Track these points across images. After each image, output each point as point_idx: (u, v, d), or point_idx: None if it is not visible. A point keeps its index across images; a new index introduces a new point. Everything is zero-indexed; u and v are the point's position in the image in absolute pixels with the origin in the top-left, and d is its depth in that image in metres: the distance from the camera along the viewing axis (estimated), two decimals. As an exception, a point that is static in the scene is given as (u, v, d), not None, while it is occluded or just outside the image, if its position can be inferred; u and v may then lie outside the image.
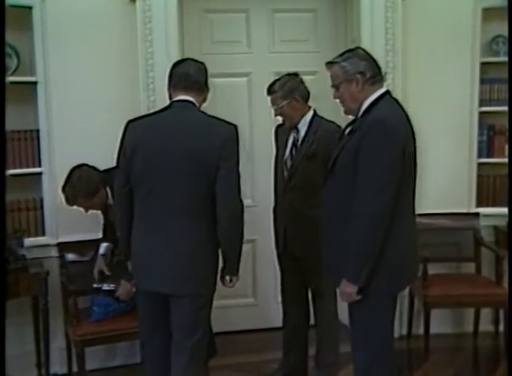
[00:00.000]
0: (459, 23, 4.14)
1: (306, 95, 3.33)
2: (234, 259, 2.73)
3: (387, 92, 2.64)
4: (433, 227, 4.21)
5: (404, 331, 4.32)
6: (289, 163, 3.35)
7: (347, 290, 2.57)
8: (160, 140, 2.63)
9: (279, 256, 3.54)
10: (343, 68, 2.60)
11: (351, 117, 2.74)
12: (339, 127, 3.19)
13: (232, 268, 2.76)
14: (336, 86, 2.65)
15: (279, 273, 3.63)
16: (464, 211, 4.27)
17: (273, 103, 3.31)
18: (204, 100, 2.80)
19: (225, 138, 2.61)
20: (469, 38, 4.14)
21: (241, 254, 2.75)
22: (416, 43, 4.10)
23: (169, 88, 2.77)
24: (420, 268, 3.87)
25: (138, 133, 2.69)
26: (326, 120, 3.35)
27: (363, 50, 2.69)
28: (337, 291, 2.69)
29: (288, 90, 3.26)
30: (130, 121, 2.75)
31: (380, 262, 2.51)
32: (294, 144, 3.35)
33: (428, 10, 4.11)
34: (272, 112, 3.43)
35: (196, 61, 2.83)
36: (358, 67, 2.58)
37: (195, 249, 2.65)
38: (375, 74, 2.60)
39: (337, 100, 2.71)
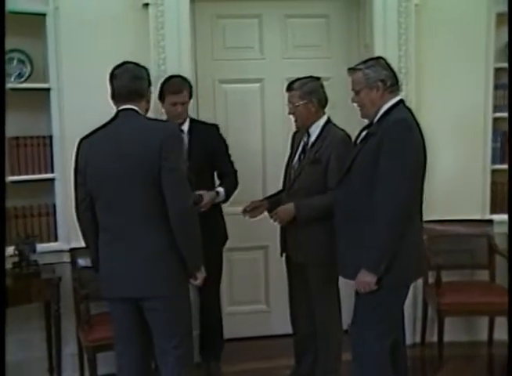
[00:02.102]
0: (473, 28, 4.11)
1: (323, 101, 3.33)
2: (190, 256, 2.70)
3: (402, 101, 2.83)
4: (447, 234, 4.18)
5: (418, 339, 4.28)
6: (296, 167, 3.37)
7: (366, 279, 2.73)
8: (107, 152, 2.67)
9: (286, 262, 3.55)
10: (366, 75, 2.78)
11: (362, 124, 2.87)
12: (348, 136, 3.25)
13: (191, 265, 2.74)
14: (357, 91, 2.83)
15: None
16: (478, 217, 4.23)
17: (290, 100, 3.31)
18: (148, 102, 2.80)
19: (163, 137, 2.60)
20: (483, 44, 4.11)
21: (198, 251, 2.73)
22: (430, 48, 4.07)
23: (112, 99, 2.79)
24: (433, 275, 3.93)
25: (88, 149, 2.75)
26: (338, 128, 3.34)
27: (384, 60, 2.87)
28: (353, 283, 2.83)
29: (307, 91, 3.26)
30: (82, 139, 2.81)
31: (395, 255, 2.69)
32: (304, 149, 3.35)
33: (441, 15, 4.07)
34: (285, 118, 3.45)
35: (133, 64, 2.81)
36: (380, 75, 2.78)
37: (156, 252, 2.66)
38: (394, 83, 2.81)
39: (355, 104, 2.89)
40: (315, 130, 3.31)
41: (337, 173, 3.05)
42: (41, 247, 3.73)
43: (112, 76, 2.76)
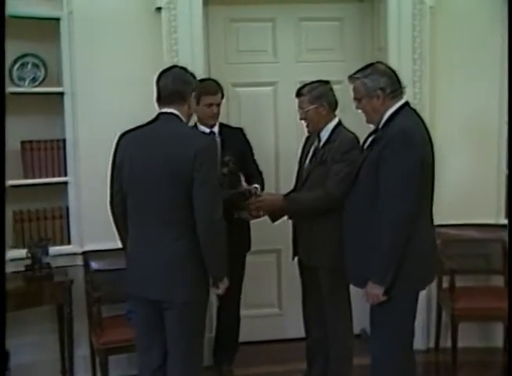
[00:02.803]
0: (489, 30, 4.06)
1: (333, 104, 3.34)
2: (214, 267, 2.72)
3: (407, 104, 2.80)
4: (461, 238, 4.15)
5: (431, 344, 4.26)
6: (306, 169, 3.39)
7: (373, 291, 2.72)
8: (142, 153, 2.70)
9: (299, 265, 3.56)
10: (364, 84, 2.77)
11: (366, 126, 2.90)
12: (357, 139, 3.23)
13: (215, 275, 2.76)
14: (358, 99, 2.83)
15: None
16: (493, 222, 4.18)
17: (300, 106, 3.33)
18: (189, 107, 2.79)
19: (198, 149, 2.60)
20: (499, 46, 4.06)
21: (222, 263, 2.74)
22: (444, 51, 4.04)
23: (156, 101, 2.81)
24: (447, 280, 3.90)
25: (126, 145, 2.77)
26: (349, 131, 3.33)
27: (384, 64, 2.86)
28: (363, 292, 2.82)
29: (316, 95, 3.27)
30: (122, 134, 2.82)
31: (402, 264, 2.67)
32: (314, 152, 3.37)
33: (456, 18, 4.04)
34: (298, 122, 3.44)
35: (181, 68, 2.83)
36: (378, 83, 2.75)
37: (177, 258, 2.67)
38: (395, 88, 2.77)
39: (359, 110, 2.90)
40: (325, 133, 3.32)
41: (334, 173, 3.12)
42: (54, 250, 3.76)
43: (158, 78, 2.78)
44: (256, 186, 3.52)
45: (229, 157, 3.43)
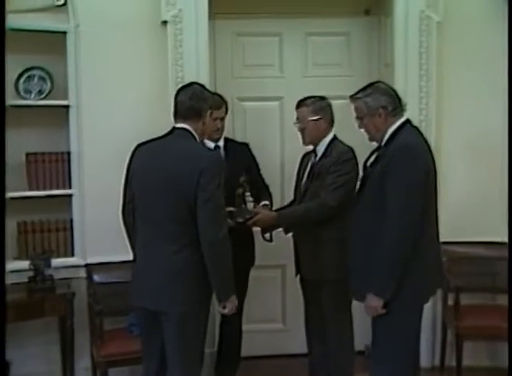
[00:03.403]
0: (497, 45, 4.01)
1: (332, 120, 3.39)
2: (217, 285, 2.73)
3: (408, 121, 2.86)
4: (467, 256, 4.10)
5: (436, 362, 4.19)
6: (304, 185, 3.42)
7: (372, 303, 2.74)
8: (151, 166, 2.75)
9: (301, 281, 3.57)
10: (366, 103, 2.83)
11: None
12: (352, 150, 3.29)
13: (218, 293, 2.77)
14: (360, 118, 2.88)
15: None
16: (499, 240, 4.10)
17: (301, 116, 3.36)
18: (204, 124, 2.83)
19: (204, 167, 2.63)
20: (506, 63, 3.99)
21: (228, 281, 2.75)
22: (451, 67, 4.01)
23: (173, 116, 2.86)
24: (452, 297, 3.87)
25: (138, 157, 2.84)
26: (344, 144, 3.35)
27: (384, 84, 2.94)
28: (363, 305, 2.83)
29: (319, 107, 3.34)
30: (138, 145, 2.88)
31: (406, 276, 2.68)
32: (311, 167, 3.40)
33: (464, 33, 4.01)
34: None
35: (199, 85, 2.88)
36: (379, 102, 2.81)
37: (178, 270, 2.70)
38: (396, 106, 2.83)
39: (361, 129, 2.95)
40: (320, 148, 3.36)
41: (330, 184, 3.18)
42: (57, 262, 3.76)
43: (176, 94, 2.85)
44: (266, 203, 3.53)
45: (245, 178, 3.42)
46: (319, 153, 3.37)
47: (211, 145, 3.56)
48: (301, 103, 3.38)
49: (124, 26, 3.82)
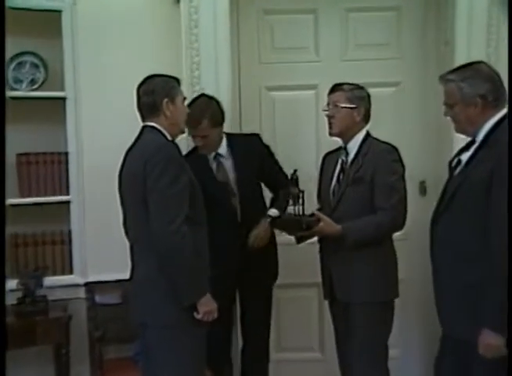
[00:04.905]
0: None
1: (368, 114, 3.06)
2: (176, 286, 2.56)
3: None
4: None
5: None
6: (335, 191, 3.06)
7: (493, 342, 2.32)
8: (123, 170, 2.72)
9: (330, 304, 3.23)
10: (460, 89, 2.46)
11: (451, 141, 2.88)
12: (395, 148, 2.99)
13: (180, 296, 2.58)
14: (450, 105, 2.53)
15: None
16: None
17: (333, 100, 3.03)
18: (168, 117, 2.67)
19: (147, 158, 2.53)
20: None
21: (185, 281, 2.56)
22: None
23: None
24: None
25: (121, 166, 2.76)
26: (381, 141, 3.04)
27: (487, 66, 2.52)
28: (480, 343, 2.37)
29: (358, 95, 3.01)
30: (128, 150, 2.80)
31: None
32: (342, 168, 3.07)
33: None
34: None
35: (152, 77, 2.74)
36: (478, 90, 2.44)
37: (147, 279, 2.62)
38: (498, 96, 2.45)
39: (448, 118, 2.58)
40: (353, 146, 3.03)
41: (389, 190, 2.88)
42: (52, 280, 3.51)
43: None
44: (315, 212, 3.11)
45: (296, 175, 3.08)
46: (352, 152, 3.03)
47: (211, 156, 3.29)
48: (336, 87, 3.05)
49: (130, 4, 3.57)
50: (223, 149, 3.31)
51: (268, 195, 3.46)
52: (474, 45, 3.48)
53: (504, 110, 2.47)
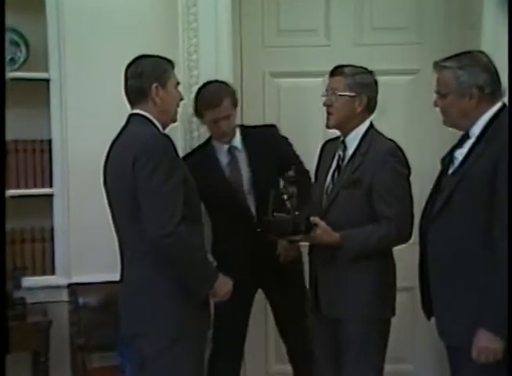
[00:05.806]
0: None
1: (373, 103, 2.78)
2: (190, 283, 2.47)
3: (505, 106, 2.43)
4: None
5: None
6: (329, 190, 2.80)
7: (491, 345, 2.25)
8: (107, 166, 2.58)
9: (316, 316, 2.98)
10: (457, 78, 2.39)
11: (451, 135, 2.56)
12: (398, 147, 2.74)
13: (191, 293, 2.49)
14: (442, 95, 2.46)
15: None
16: None
17: (332, 87, 2.77)
18: (157, 103, 2.51)
19: (136, 152, 2.36)
20: None
21: (194, 279, 2.47)
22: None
23: None
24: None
25: (106, 157, 2.60)
26: (385, 137, 2.79)
27: (486, 56, 2.45)
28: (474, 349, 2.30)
29: (360, 82, 2.72)
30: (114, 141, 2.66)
31: None
32: (338, 166, 2.81)
33: None
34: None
35: (140, 57, 2.58)
36: (477, 80, 2.37)
37: (142, 287, 2.49)
38: (495, 88, 2.39)
39: (437, 108, 2.50)
40: (353, 140, 2.76)
41: (392, 197, 2.64)
42: (31, 281, 3.34)
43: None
44: (312, 218, 2.87)
45: (294, 173, 2.85)
46: (351, 148, 2.75)
47: (224, 149, 3.13)
48: (336, 71, 2.77)
49: (121, -23, 3.34)
50: (237, 141, 3.17)
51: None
52: (502, 29, 3.19)
53: (499, 104, 2.42)
